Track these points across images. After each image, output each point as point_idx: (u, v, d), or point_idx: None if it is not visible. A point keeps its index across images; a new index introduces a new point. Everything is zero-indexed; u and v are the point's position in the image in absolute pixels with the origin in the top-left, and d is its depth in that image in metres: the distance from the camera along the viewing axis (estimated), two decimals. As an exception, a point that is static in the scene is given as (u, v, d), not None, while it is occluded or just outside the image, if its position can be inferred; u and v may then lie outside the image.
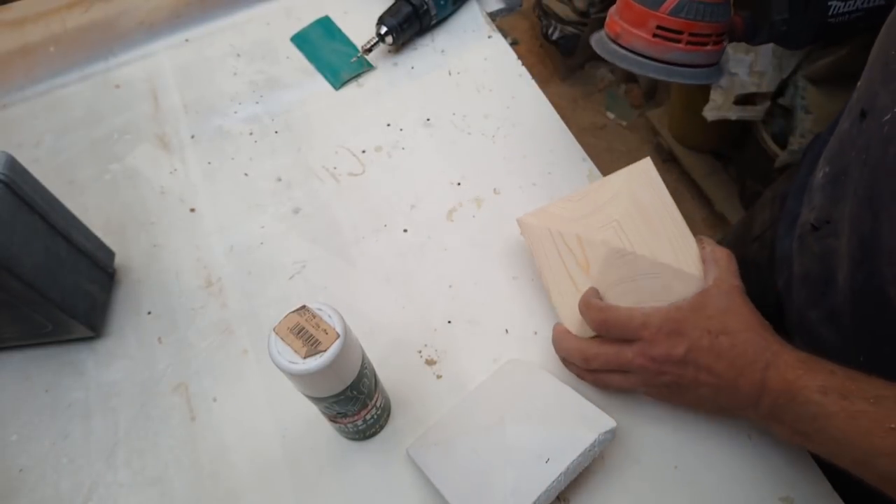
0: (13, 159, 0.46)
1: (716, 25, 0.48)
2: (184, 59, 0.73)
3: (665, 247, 0.49)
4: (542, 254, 0.52)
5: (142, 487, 0.48)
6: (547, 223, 0.52)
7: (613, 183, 0.53)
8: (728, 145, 1.51)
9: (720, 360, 0.42)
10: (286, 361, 0.36)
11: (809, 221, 0.48)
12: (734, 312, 0.44)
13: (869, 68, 0.41)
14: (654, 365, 0.44)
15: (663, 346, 0.43)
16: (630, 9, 0.49)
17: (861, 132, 0.40)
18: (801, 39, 0.48)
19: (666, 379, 0.44)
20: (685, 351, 0.43)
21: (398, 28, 0.68)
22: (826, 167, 0.46)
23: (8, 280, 0.45)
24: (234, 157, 0.65)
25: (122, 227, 0.61)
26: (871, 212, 0.39)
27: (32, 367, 0.54)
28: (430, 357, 0.52)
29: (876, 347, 0.42)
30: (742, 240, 0.68)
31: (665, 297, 0.48)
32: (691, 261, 0.49)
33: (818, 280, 0.47)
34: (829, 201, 0.45)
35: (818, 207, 0.47)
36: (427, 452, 0.46)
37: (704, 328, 0.43)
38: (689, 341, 0.43)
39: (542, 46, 1.89)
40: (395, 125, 0.66)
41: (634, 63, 0.50)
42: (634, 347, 0.45)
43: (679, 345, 0.43)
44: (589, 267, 0.50)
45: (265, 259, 0.59)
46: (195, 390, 0.52)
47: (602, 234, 0.51)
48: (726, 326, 0.43)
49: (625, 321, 0.45)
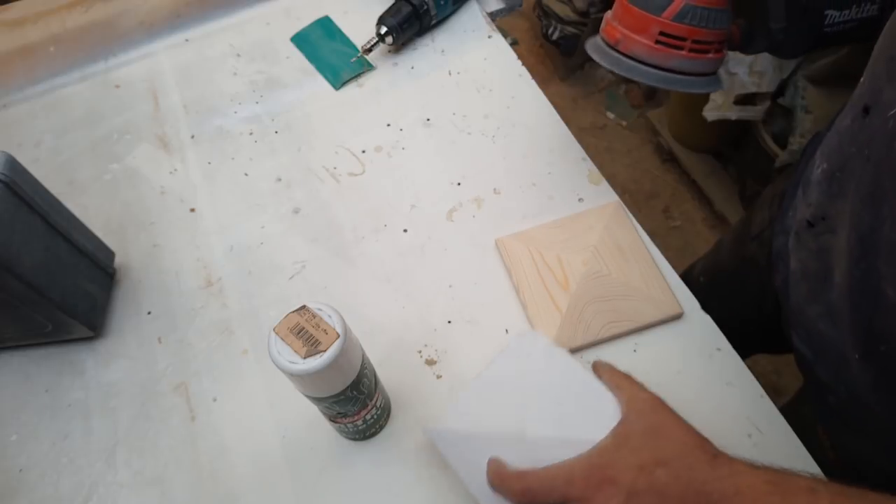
0: (13, 159, 0.46)
1: (718, 32, 0.47)
2: (184, 59, 0.73)
3: (636, 275, 0.54)
4: (521, 272, 0.55)
5: (142, 487, 0.48)
6: (526, 244, 0.56)
7: (588, 217, 0.58)
8: (728, 145, 1.51)
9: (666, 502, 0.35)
10: (286, 361, 0.36)
11: (806, 218, 0.48)
12: (662, 434, 0.38)
13: (872, 64, 0.40)
14: None
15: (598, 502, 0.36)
16: (630, 14, 0.47)
17: (863, 128, 0.40)
18: (796, 48, 0.48)
19: None
20: (624, 501, 0.36)
21: (398, 28, 0.68)
22: (824, 164, 0.46)
23: (8, 280, 0.45)
24: (234, 157, 0.65)
25: (122, 227, 0.61)
26: (871, 208, 0.38)
27: (32, 367, 0.54)
28: (430, 357, 0.52)
29: (872, 344, 0.41)
30: (741, 239, 0.68)
31: (637, 319, 0.52)
32: (660, 289, 0.53)
33: (816, 276, 0.47)
34: (826, 198, 0.45)
35: (815, 204, 0.47)
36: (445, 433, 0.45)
37: (635, 465, 0.36)
38: (625, 488, 0.36)
39: (542, 46, 1.89)
40: (395, 125, 0.66)
41: (636, 71, 0.48)
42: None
43: (614, 496, 0.36)
44: (568, 283, 0.54)
45: (265, 259, 0.59)
46: (195, 390, 0.52)
47: (581, 256, 0.55)
48: (659, 455, 0.36)
49: (548, 482, 0.38)
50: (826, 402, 0.48)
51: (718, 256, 0.76)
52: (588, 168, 0.62)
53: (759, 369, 0.50)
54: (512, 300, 0.55)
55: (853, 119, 0.42)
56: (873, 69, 0.40)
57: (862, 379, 0.43)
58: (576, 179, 0.61)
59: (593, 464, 0.38)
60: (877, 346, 0.41)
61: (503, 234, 0.58)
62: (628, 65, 0.48)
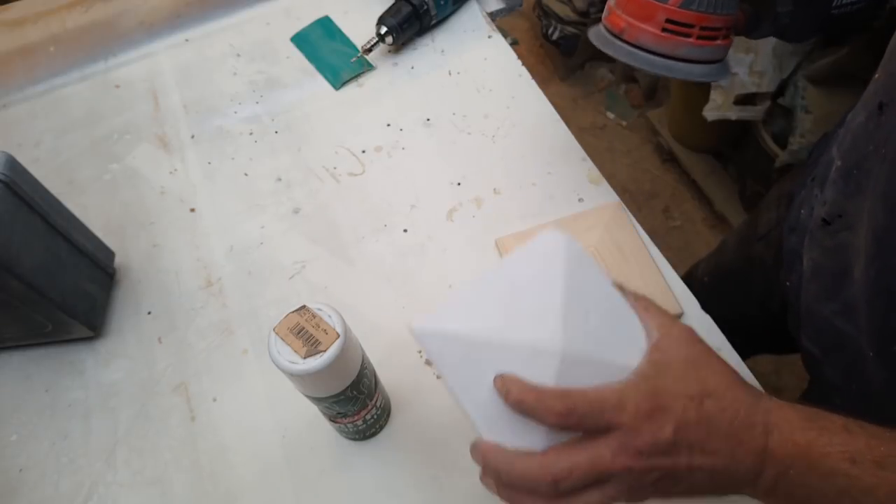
0: (13, 159, 0.46)
1: (726, 18, 0.45)
2: (184, 59, 0.73)
3: (636, 276, 0.54)
4: None
5: (142, 487, 0.48)
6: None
7: (588, 217, 0.58)
8: (728, 145, 1.51)
9: (713, 433, 0.33)
10: (286, 361, 0.36)
11: (821, 216, 0.48)
12: (703, 365, 0.36)
13: (887, 61, 0.40)
14: (640, 461, 0.33)
15: (647, 432, 0.33)
16: (634, 1, 0.45)
17: (879, 126, 0.39)
18: (803, 32, 0.47)
19: (654, 476, 0.34)
20: (673, 431, 0.33)
21: (398, 28, 0.68)
22: (838, 161, 0.46)
23: (8, 280, 0.45)
24: (234, 157, 0.65)
25: (122, 227, 0.61)
26: (886, 207, 0.38)
27: (32, 367, 0.54)
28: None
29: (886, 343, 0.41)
30: (747, 240, 0.68)
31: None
32: (659, 290, 0.53)
33: (832, 274, 0.47)
34: (841, 196, 0.45)
35: (830, 202, 0.46)
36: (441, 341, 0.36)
37: (685, 395, 0.34)
38: (675, 417, 0.33)
39: (542, 46, 1.89)
40: (395, 125, 0.66)
41: (642, 60, 0.46)
42: (612, 443, 0.33)
43: (665, 425, 0.33)
44: None
45: (265, 259, 0.59)
46: (195, 390, 0.52)
47: None
48: (706, 386, 0.35)
49: (598, 405, 0.34)
50: (832, 402, 0.48)
51: (722, 257, 0.76)
52: (588, 168, 0.62)
53: (759, 369, 0.50)
54: (512, 300, 0.55)
55: (868, 116, 0.41)
56: (888, 66, 0.40)
57: (876, 377, 0.43)
58: (576, 179, 0.61)
59: (643, 390, 0.34)
60: (891, 345, 0.40)
61: (503, 234, 0.58)
62: (634, 54, 0.46)
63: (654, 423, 0.33)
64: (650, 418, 0.33)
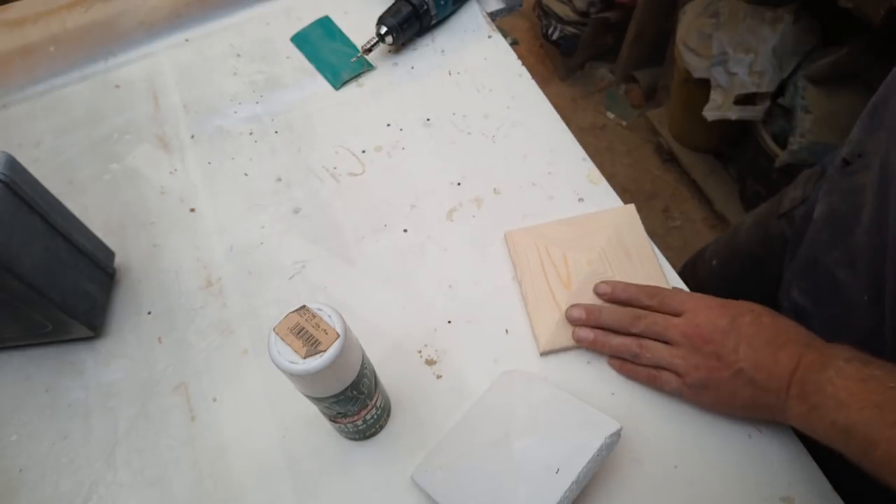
0: (13, 159, 0.46)
1: None
2: (184, 59, 0.73)
3: (641, 281, 0.53)
4: (526, 266, 0.55)
5: (142, 487, 0.48)
6: (535, 239, 0.56)
7: (601, 218, 0.57)
8: (728, 145, 1.51)
9: (761, 333, 0.43)
10: (286, 361, 0.36)
11: (842, 156, 0.49)
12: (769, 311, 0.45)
13: None
14: (697, 332, 0.45)
15: (707, 315, 0.45)
16: None
17: None
18: None
19: (708, 350, 0.44)
20: (729, 320, 0.44)
21: (398, 28, 0.68)
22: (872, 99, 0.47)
23: (8, 280, 0.45)
24: (234, 157, 0.65)
25: (122, 227, 0.61)
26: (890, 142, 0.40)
27: (32, 367, 0.54)
28: (430, 357, 0.52)
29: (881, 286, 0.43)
30: (766, 218, 0.69)
31: None
32: None
33: (843, 218, 0.48)
34: (865, 133, 0.46)
35: (854, 141, 0.48)
36: (433, 477, 0.45)
37: (747, 308, 0.45)
38: (733, 313, 0.45)
39: (542, 46, 1.89)
40: (395, 125, 0.66)
41: None
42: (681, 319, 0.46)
43: (724, 315, 0.45)
44: (570, 283, 0.54)
45: (265, 259, 0.59)
46: (195, 390, 0.52)
47: (587, 256, 0.55)
48: (767, 310, 0.45)
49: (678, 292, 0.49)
50: None
51: (735, 239, 0.76)
52: (588, 168, 0.62)
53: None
54: (512, 301, 0.55)
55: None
56: None
57: (863, 326, 0.45)
58: (576, 179, 0.61)
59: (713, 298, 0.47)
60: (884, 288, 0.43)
61: (503, 234, 0.58)
62: None
63: (714, 312, 0.45)
64: (711, 309, 0.46)
